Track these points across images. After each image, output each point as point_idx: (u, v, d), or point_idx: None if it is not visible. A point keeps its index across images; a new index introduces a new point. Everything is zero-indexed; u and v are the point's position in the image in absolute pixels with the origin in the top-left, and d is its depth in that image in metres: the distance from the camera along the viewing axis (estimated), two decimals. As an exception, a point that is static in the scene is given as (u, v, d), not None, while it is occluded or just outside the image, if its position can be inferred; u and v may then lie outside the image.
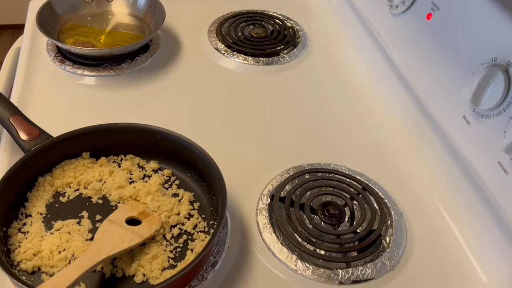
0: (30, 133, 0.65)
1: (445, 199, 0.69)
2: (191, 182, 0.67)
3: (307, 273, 0.58)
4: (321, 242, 0.61)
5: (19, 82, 0.82)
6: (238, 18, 1.01)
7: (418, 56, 0.73)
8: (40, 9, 0.88)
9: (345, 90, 0.88)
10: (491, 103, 0.56)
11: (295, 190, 0.67)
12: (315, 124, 0.81)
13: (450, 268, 0.62)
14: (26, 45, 0.90)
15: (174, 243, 0.59)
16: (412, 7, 0.75)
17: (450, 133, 0.66)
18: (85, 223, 0.61)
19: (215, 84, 0.87)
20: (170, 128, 0.67)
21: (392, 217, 0.65)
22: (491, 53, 0.58)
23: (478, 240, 0.63)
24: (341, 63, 0.94)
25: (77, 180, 0.65)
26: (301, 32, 1.00)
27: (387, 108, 0.83)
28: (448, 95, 0.66)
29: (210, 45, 0.95)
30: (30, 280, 0.55)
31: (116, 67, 0.86)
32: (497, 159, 0.56)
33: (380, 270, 0.59)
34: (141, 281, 0.55)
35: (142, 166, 0.68)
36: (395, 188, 0.70)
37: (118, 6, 0.98)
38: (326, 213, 0.64)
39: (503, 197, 0.57)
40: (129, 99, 0.82)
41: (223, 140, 0.76)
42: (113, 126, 0.67)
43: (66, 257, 0.56)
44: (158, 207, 0.62)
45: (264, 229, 0.63)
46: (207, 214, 0.63)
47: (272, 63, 0.92)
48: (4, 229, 0.58)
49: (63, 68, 0.85)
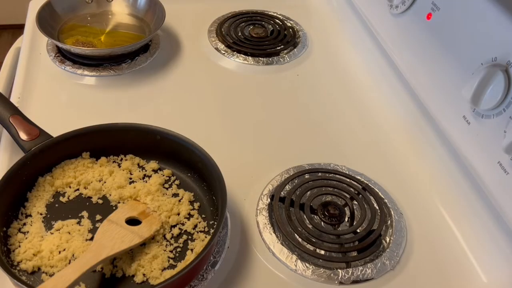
0: (30, 133, 0.65)
1: (445, 199, 0.69)
2: (191, 182, 0.67)
3: (307, 273, 0.58)
4: (321, 242, 0.61)
5: (19, 82, 0.82)
6: (238, 18, 1.01)
7: (418, 56, 0.73)
8: (40, 9, 0.88)
9: (345, 90, 0.88)
10: (491, 103, 0.56)
11: (295, 190, 0.67)
12: (315, 124, 0.81)
13: (450, 268, 0.62)
14: (26, 45, 0.90)
15: (174, 243, 0.59)
16: (412, 7, 0.75)
17: (450, 133, 0.66)
18: (85, 223, 0.61)
19: (215, 84, 0.87)
20: (170, 128, 0.67)
21: (392, 217, 0.65)
22: (491, 53, 0.58)
23: (478, 240, 0.63)
24: (341, 63, 0.94)
25: (77, 180, 0.65)
26: (301, 32, 1.00)
27: (387, 108, 0.83)
28: (448, 95, 0.66)
29: (210, 45, 0.95)
30: (30, 280, 0.55)
31: (116, 67, 0.86)
32: (497, 159, 0.56)
33: (380, 270, 0.59)
34: (141, 281, 0.55)
35: (142, 166, 0.68)
36: (395, 188, 0.70)
37: (118, 6, 0.98)
38: (326, 213, 0.64)
39: (503, 197, 0.57)
40: (129, 99, 0.82)
41: (223, 140, 0.76)
42: (113, 126, 0.67)
43: (66, 257, 0.56)
44: (158, 207, 0.62)
45: (264, 229, 0.63)
46: (207, 214, 0.63)
47: (272, 63, 0.92)
48: (4, 229, 0.58)
49: (63, 68, 0.85)
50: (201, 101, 0.83)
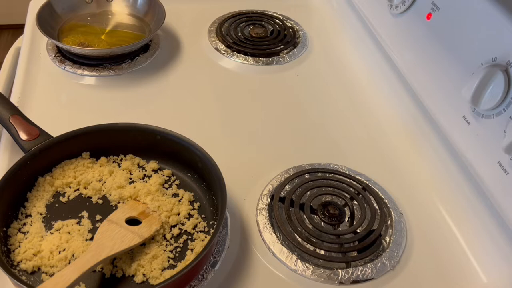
0: (30, 133, 0.65)
1: (445, 199, 0.69)
2: (191, 182, 0.67)
3: (307, 273, 0.58)
4: (321, 242, 0.61)
5: (19, 82, 0.82)
6: (238, 18, 1.01)
7: (418, 56, 0.73)
8: (40, 9, 0.88)
9: (345, 90, 0.88)
10: (491, 103, 0.56)
11: (295, 190, 0.67)
12: (315, 124, 0.81)
13: (450, 268, 0.62)
14: (26, 45, 0.90)
15: (174, 243, 0.59)
16: (412, 7, 0.75)
17: (450, 133, 0.66)
18: (85, 223, 0.61)
19: (215, 84, 0.87)
20: (170, 128, 0.67)
21: (392, 217, 0.65)
22: (491, 53, 0.58)
23: (478, 240, 0.63)
24: (341, 63, 0.94)
25: (77, 180, 0.65)
26: (301, 32, 1.00)
27: (387, 108, 0.83)
28: (448, 95, 0.66)
29: (210, 45, 0.95)
30: (30, 280, 0.55)
31: (116, 67, 0.86)
32: (497, 159, 0.56)
33: (380, 270, 0.59)
34: (141, 281, 0.55)
35: (142, 166, 0.68)
36: (395, 188, 0.70)
37: (118, 6, 0.98)
38: (326, 213, 0.64)
39: (503, 197, 0.57)
40: (129, 99, 0.82)
41: (223, 140, 0.76)
42: (113, 126, 0.67)
43: (66, 257, 0.56)
44: (158, 207, 0.62)
45: (264, 229, 0.63)
46: (207, 214, 0.63)
47: (272, 63, 0.92)
48: (4, 229, 0.58)
49: (63, 68, 0.85)
50: (201, 101, 0.83)
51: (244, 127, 0.79)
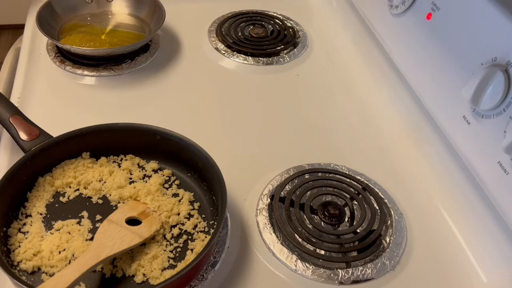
0: (30, 133, 0.65)
1: (445, 199, 0.69)
2: (191, 182, 0.67)
3: (307, 273, 0.58)
4: (321, 242, 0.61)
5: (19, 82, 0.82)
6: (238, 18, 1.01)
7: (418, 56, 0.73)
8: (40, 9, 0.88)
9: (345, 90, 0.88)
10: (491, 103, 0.56)
11: (295, 190, 0.67)
12: (315, 124, 0.81)
13: (450, 268, 0.62)
14: (26, 45, 0.90)
15: (174, 243, 0.59)
16: (412, 7, 0.75)
17: (450, 133, 0.66)
18: (85, 223, 0.61)
19: (215, 84, 0.87)
20: (170, 128, 0.67)
21: (392, 217, 0.65)
22: (491, 53, 0.58)
23: (478, 240, 0.63)
24: (341, 63, 0.94)
25: (77, 180, 0.65)
26: (301, 32, 1.00)
27: (387, 108, 0.83)
28: (448, 95, 0.66)
29: (210, 45, 0.95)
30: (30, 280, 0.55)
31: (116, 67, 0.86)
32: (497, 159, 0.56)
33: (380, 270, 0.59)
34: (141, 281, 0.55)
35: (142, 166, 0.68)
36: (395, 188, 0.70)
37: (118, 6, 0.98)
38: (326, 213, 0.64)
39: (503, 197, 0.57)
40: (129, 99, 0.82)
41: (223, 140, 0.76)
42: (113, 126, 0.67)
43: (66, 257, 0.56)
44: (158, 207, 0.62)
45: (264, 229, 0.63)
46: (207, 214, 0.63)
47: (272, 63, 0.92)
48: (4, 229, 0.58)
49: (63, 68, 0.85)
50: (201, 101, 0.83)
51: (244, 127, 0.79)
